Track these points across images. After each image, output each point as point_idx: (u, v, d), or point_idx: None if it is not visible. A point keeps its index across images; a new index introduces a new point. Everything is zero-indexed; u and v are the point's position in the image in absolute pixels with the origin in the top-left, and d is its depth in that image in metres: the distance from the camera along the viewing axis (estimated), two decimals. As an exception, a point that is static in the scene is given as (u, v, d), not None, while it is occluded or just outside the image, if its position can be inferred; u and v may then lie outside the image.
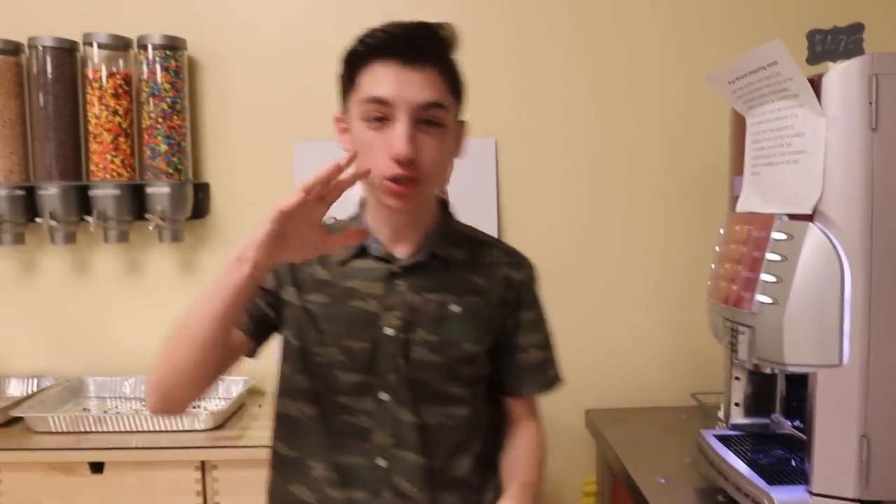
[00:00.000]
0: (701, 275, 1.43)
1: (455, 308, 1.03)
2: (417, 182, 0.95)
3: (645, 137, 1.84)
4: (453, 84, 0.99)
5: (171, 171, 1.74)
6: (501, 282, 1.08)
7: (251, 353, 1.07)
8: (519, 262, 1.11)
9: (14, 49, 1.74)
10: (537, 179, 1.84)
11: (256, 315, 1.05)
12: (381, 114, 0.94)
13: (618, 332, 1.85)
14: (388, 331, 1.01)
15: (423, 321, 1.01)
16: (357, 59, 0.97)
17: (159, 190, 1.73)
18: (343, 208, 1.03)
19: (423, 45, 0.95)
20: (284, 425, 1.08)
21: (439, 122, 0.96)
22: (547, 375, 1.13)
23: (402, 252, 1.04)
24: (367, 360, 1.01)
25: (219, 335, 0.91)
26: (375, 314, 1.01)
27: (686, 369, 1.83)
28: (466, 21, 1.81)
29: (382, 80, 0.94)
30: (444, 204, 1.12)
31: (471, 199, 1.87)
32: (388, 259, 1.03)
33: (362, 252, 1.04)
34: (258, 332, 1.06)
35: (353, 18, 1.84)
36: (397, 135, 0.93)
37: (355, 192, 1.01)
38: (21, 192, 1.75)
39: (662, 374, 1.84)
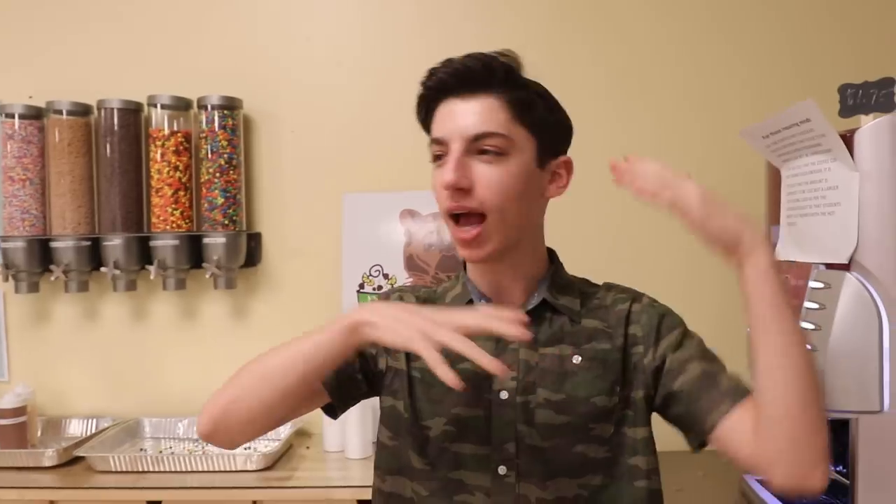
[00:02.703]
0: (738, 321, 1.45)
1: (577, 359, 0.91)
2: (482, 218, 0.87)
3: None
4: (522, 114, 0.89)
5: (226, 222, 1.84)
6: (622, 319, 0.94)
7: (332, 414, 0.99)
8: (635, 295, 0.98)
9: (84, 111, 1.87)
10: (579, 228, 1.89)
11: (344, 377, 0.96)
12: (441, 152, 0.90)
13: (657, 376, 1.87)
14: (503, 395, 0.90)
15: (543, 379, 0.90)
16: (426, 103, 0.93)
17: (215, 240, 1.82)
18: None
19: (472, 77, 0.89)
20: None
21: (499, 151, 0.87)
22: (721, 385, 0.87)
23: (508, 306, 0.92)
24: (482, 430, 0.90)
25: (302, 389, 0.86)
26: (486, 377, 0.89)
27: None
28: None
29: (441, 118, 0.90)
30: (553, 256, 1.01)
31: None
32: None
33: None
34: (340, 393, 0.97)
35: (399, 77, 1.96)
36: (446, 164, 0.88)
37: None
38: (87, 243, 1.86)
39: (703, 419, 1.84)
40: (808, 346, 0.84)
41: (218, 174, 1.84)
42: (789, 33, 1.87)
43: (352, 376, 0.97)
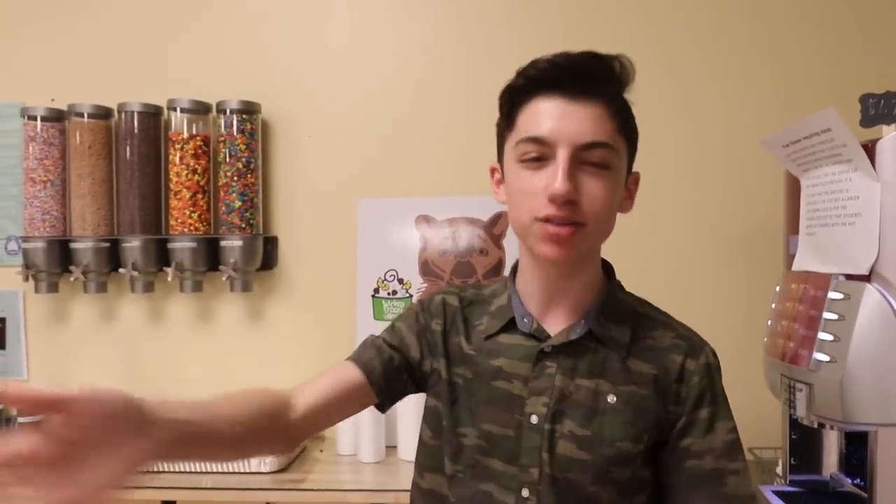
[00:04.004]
0: (756, 329, 1.45)
1: (611, 399, 0.87)
2: (579, 227, 0.84)
3: (699, 196, 1.88)
4: (623, 125, 0.87)
5: (243, 225, 1.86)
6: (674, 372, 0.89)
7: (380, 408, 0.98)
8: (696, 347, 0.92)
9: (105, 113, 1.90)
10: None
11: (390, 375, 0.95)
12: (538, 154, 0.84)
13: (672, 384, 1.86)
14: (534, 419, 0.88)
15: (572, 411, 0.87)
16: (517, 96, 0.87)
17: (232, 243, 1.84)
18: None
19: (591, 77, 0.84)
20: (427, 501, 0.96)
21: (606, 164, 0.84)
22: (726, 488, 0.86)
23: (554, 326, 0.91)
24: (512, 450, 0.88)
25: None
26: (520, 398, 0.88)
27: (742, 423, 1.80)
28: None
29: (543, 116, 0.84)
30: (609, 271, 0.98)
31: (516, 254, 1.92)
32: (537, 336, 0.90)
33: (510, 325, 0.92)
34: (388, 392, 0.96)
35: (415, 83, 1.98)
36: (556, 172, 0.82)
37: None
38: (106, 245, 1.88)
39: (718, 428, 1.83)
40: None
41: (235, 178, 1.85)
42: (811, 43, 1.86)
43: (397, 376, 0.96)
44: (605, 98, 0.85)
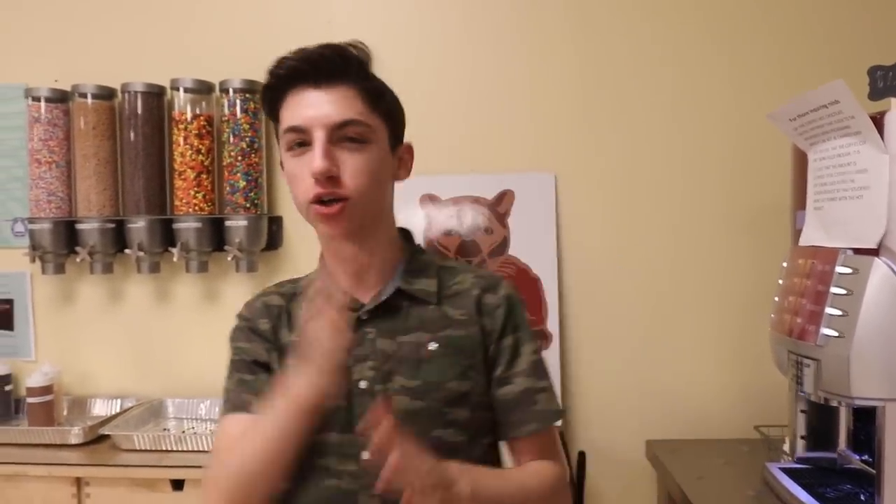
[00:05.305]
0: (763, 307, 1.44)
1: (433, 346, 0.95)
2: (345, 200, 0.91)
3: (706, 173, 1.86)
4: (375, 102, 0.96)
5: (248, 205, 1.85)
6: (478, 309, 0.99)
7: None
8: (493, 284, 1.02)
9: (108, 94, 1.89)
10: (598, 216, 1.88)
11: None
12: (301, 139, 0.93)
13: (680, 363, 1.86)
14: (363, 384, 0.94)
15: (399, 367, 0.94)
16: (274, 93, 0.96)
17: (237, 223, 1.84)
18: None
19: (329, 66, 0.93)
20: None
21: (362, 138, 0.93)
22: (537, 405, 0.98)
23: (367, 295, 0.98)
24: (345, 419, 0.92)
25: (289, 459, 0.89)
26: (346, 368, 0.91)
27: (748, 401, 1.82)
28: (528, 59, 1.90)
29: (298, 107, 0.93)
30: (408, 237, 1.07)
31: (529, 236, 1.92)
32: (352, 307, 0.94)
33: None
34: None
35: (418, 61, 1.96)
36: (313, 153, 0.91)
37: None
38: (111, 225, 1.88)
39: (724, 406, 1.83)
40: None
41: (240, 157, 1.84)
42: (819, 14, 1.83)
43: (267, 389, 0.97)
44: (348, 81, 0.94)
